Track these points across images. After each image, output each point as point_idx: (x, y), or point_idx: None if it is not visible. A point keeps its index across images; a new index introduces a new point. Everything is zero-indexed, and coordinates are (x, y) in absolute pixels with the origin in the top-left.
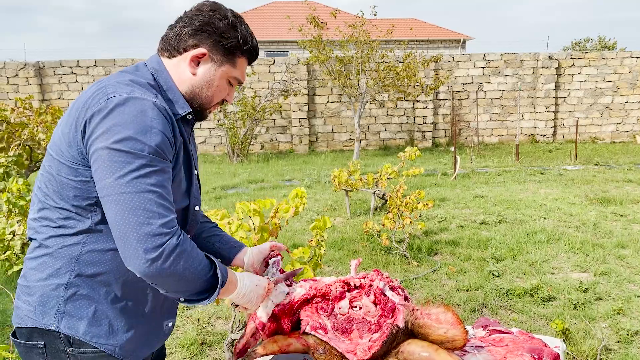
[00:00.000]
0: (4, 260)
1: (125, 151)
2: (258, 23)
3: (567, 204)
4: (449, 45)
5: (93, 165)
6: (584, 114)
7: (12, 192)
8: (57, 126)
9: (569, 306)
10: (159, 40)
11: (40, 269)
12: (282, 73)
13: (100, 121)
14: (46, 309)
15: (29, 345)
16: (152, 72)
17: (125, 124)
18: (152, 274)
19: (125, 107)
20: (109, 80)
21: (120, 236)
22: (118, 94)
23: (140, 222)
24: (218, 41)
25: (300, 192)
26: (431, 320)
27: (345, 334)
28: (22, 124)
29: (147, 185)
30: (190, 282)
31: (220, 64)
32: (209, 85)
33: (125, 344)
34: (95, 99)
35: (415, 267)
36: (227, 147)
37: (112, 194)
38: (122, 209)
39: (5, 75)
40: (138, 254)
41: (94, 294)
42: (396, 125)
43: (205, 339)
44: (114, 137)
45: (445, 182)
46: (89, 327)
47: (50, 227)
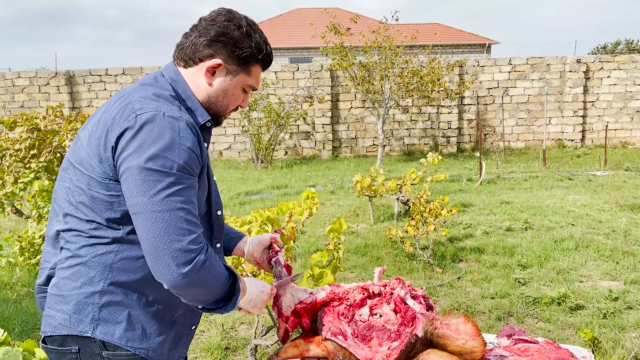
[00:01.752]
0: (35, 265)
1: (155, 170)
2: (281, 30)
3: (596, 210)
4: (474, 50)
5: (124, 183)
6: (613, 118)
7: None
8: (80, 138)
9: (598, 315)
10: (175, 48)
11: (74, 278)
12: (305, 79)
13: (131, 139)
14: (81, 316)
15: (61, 351)
16: (170, 82)
17: (154, 142)
18: (182, 286)
19: (154, 125)
20: (134, 94)
21: (152, 251)
22: (145, 111)
23: (171, 239)
24: (233, 51)
25: (311, 193)
26: (450, 330)
27: (365, 341)
28: (53, 132)
29: (177, 203)
30: (212, 293)
31: (236, 74)
32: (225, 94)
33: (157, 347)
34: (123, 116)
35: (440, 274)
36: (251, 153)
37: (143, 212)
38: (154, 227)
39: (37, 84)
40: (170, 268)
41: (127, 300)
42: (420, 130)
43: (229, 344)
44: (144, 155)
45: (471, 188)
46: (124, 332)
47: (83, 237)
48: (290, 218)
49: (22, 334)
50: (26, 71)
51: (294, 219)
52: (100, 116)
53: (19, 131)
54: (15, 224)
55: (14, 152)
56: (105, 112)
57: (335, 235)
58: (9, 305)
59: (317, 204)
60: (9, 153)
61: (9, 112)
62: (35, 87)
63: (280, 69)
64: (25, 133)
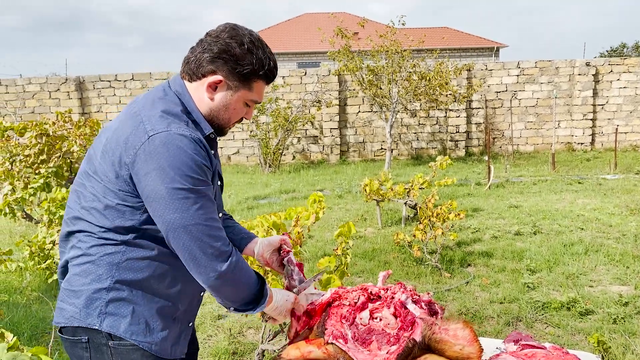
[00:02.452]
0: (44, 269)
1: (181, 189)
2: (289, 35)
3: (606, 214)
4: (482, 54)
5: (151, 203)
6: (623, 122)
7: (53, 202)
8: (93, 148)
9: (608, 320)
10: (182, 62)
11: (83, 274)
12: (313, 84)
13: (147, 160)
14: (90, 310)
15: (73, 341)
16: (177, 94)
17: (172, 163)
18: (219, 285)
19: (166, 146)
20: (144, 111)
21: (191, 258)
22: (157, 131)
23: (207, 245)
24: (234, 68)
25: (318, 197)
26: (448, 335)
27: (364, 344)
28: (62, 137)
29: (206, 214)
30: (243, 293)
31: (237, 90)
32: (226, 109)
33: (160, 342)
34: (137, 137)
35: (448, 278)
36: (259, 157)
37: (180, 227)
38: (190, 238)
39: (47, 89)
40: (209, 270)
41: (132, 297)
42: (428, 134)
43: (236, 349)
44: (165, 177)
45: (479, 192)
46: (128, 326)
47: (93, 238)
48: (297, 223)
49: (32, 338)
50: (37, 77)
51: (300, 224)
52: (114, 132)
53: (28, 137)
54: (26, 229)
55: (23, 157)
56: (118, 129)
57: (344, 239)
58: (19, 310)
59: (324, 208)
60: (19, 159)
61: (20, 117)
62: (45, 93)
63: (288, 73)
64: (34, 139)
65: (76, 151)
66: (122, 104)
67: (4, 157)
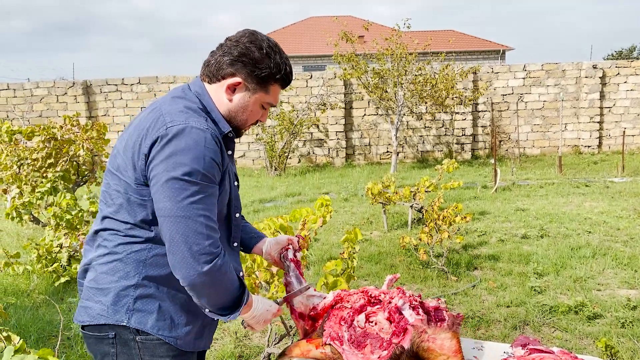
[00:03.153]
0: (52, 272)
1: (182, 179)
2: (295, 38)
3: (614, 217)
4: (488, 56)
5: (152, 187)
6: (631, 124)
7: (59, 207)
8: (116, 147)
9: (617, 324)
10: (202, 65)
11: (111, 272)
12: (319, 87)
13: (161, 149)
14: (118, 307)
15: (99, 337)
16: (197, 95)
17: (182, 153)
18: (197, 285)
19: (182, 137)
20: (164, 106)
21: (174, 251)
22: (175, 123)
23: (193, 241)
24: (252, 71)
25: (325, 201)
26: (435, 345)
27: (359, 347)
28: (70, 141)
29: (199, 210)
30: (222, 297)
31: (254, 92)
32: (244, 110)
33: (184, 336)
34: (155, 127)
35: (454, 282)
36: (265, 160)
37: (169, 216)
38: (177, 229)
39: (55, 93)
40: (190, 267)
41: (158, 293)
42: (434, 137)
43: (242, 352)
44: (172, 164)
45: (485, 195)
46: (155, 322)
47: (119, 236)
48: (304, 226)
49: (39, 341)
50: (44, 81)
51: (307, 227)
52: (135, 127)
53: (36, 141)
54: (33, 232)
55: (31, 161)
56: (139, 123)
57: (350, 244)
58: (26, 313)
59: (331, 212)
60: (27, 162)
61: (28, 121)
62: (53, 96)
63: (293, 76)
64: (42, 143)
65: (82, 155)
66: (128, 108)
67: (12, 160)
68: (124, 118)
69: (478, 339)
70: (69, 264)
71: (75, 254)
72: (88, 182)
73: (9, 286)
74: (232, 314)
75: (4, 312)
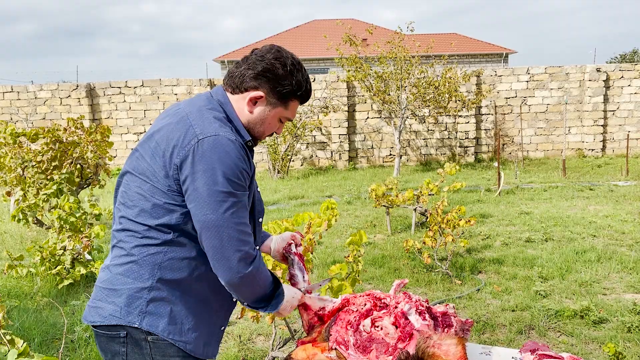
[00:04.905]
0: (55, 275)
1: (221, 191)
2: (298, 41)
3: (619, 221)
4: (491, 60)
5: (192, 201)
6: (635, 128)
7: (63, 209)
8: (139, 150)
9: (623, 329)
10: (226, 74)
11: (126, 274)
12: (322, 90)
13: (195, 162)
14: (131, 309)
15: (110, 336)
16: (220, 104)
17: (216, 166)
18: (238, 284)
19: (214, 150)
20: (192, 117)
21: (218, 257)
22: (206, 135)
23: (236, 247)
24: (275, 86)
25: (331, 204)
26: (441, 351)
27: (365, 352)
28: (74, 143)
29: (239, 218)
30: (257, 293)
31: (275, 106)
32: (263, 122)
33: (194, 341)
34: (186, 140)
35: (459, 285)
36: (268, 163)
37: (213, 227)
38: (221, 237)
39: (58, 96)
40: (233, 271)
41: (171, 297)
42: (437, 140)
43: (246, 355)
44: (210, 178)
45: (489, 199)
46: (166, 325)
47: (136, 237)
48: (309, 229)
49: (42, 344)
50: (48, 84)
51: (312, 230)
52: (164, 135)
53: (40, 143)
54: (37, 234)
55: (36, 163)
56: (169, 133)
57: (355, 247)
58: (29, 316)
59: (337, 216)
60: (31, 165)
61: (32, 124)
62: (57, 99)
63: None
64: (47, 145)
65: (90, 158)
66: (132, 110)
67: (16, 163)
68: (127, 121)
69: (483, 344)
70: (73, 267)
71: (78, 256)
72: (92, 185)
73: (13, 289)
74: (267, 306)
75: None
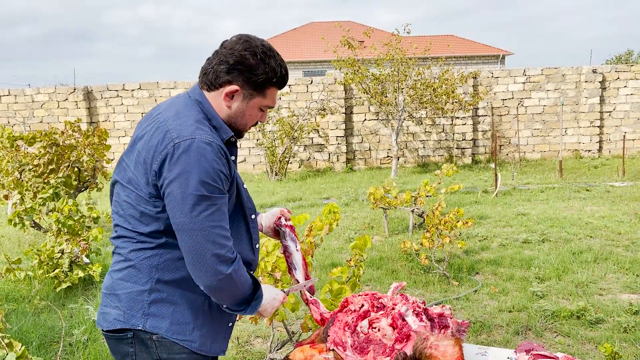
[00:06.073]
0: (53, 278)
1: (195, 194)
2: (296, 43)
3: (615, 222)
4: (488, 61)
5: (168, 204)
6: (631, 128)
7: (62, 212)
8: (124, 160)
9: (619, 329)
10: (200, 72)
11: (126, 278)
12: (319, 92)
13: (171, 166)
14: (133, 312)
15: (119, 337)
16: (197, 103)
17: (190, 169)
18: (216, 288)
19: (189, 153)
20: (169, 121)
21: (194, 261)
22: (182, 139)
23: (210, 252)
24: (249, 78)
25: (334, 208)
26: (438, 352)
27: (362, 353)
28: (71, 146)
29: (214, 221)
30: (237, 296)
31: (252, 97)
32: (243, 115)
33: (199, 340)
34: (163, 145)
35: (456, 286)
36: (265, 165)
37: (187, 230)
38: (196, 241)
39: (56, 99)
40: (209, 275)
41: (172, 297)
42: (434, 142)
43: (244, 357)
44: (184, 181)
45: (486, 200)
46: (170, 326)
47: (132, 243)
48: (310, 233)
49: (40, 347)
50: (45, 87)
51: (313, 234)
52: (144, 144)
53: (38, 146)
54: (34, 238)
55: (33, 167)
56: (148, 140)
57: (359, 252)
58: (27, 319)
59: (339, 220)
60: (28, 168)
61: (29, 127)
62: (54, 102)
63: (294, 82)
64: (43, 149)
65: (86, 161)
66: (129, 113)
67: (13, 166)
68: (125, 124)
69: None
70: (71, 270)
71: (76, 259)
72: (89, 188)
73: (11, 292)
74: (246, 309)
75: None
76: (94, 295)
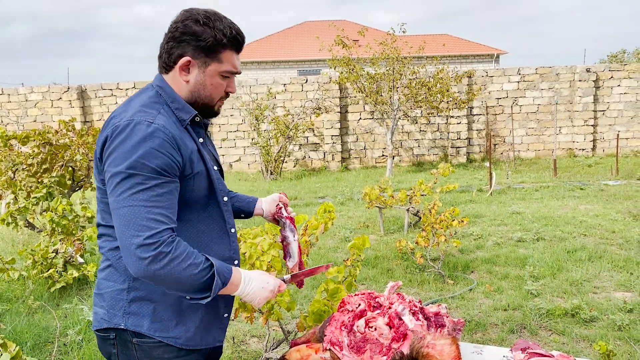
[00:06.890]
0: (47, 278)
1: (121, 172)
2: (290, 43)
3: (609, 220)
4: (483, 60)
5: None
6: (624, 127)
7: (56, 212)
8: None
9: (613, 327)
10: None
11: (107, 278)
12: (314, 91)
13: (108, 148)
14: (115, 311)
15: (103, 337)
16: (157, 89)
17: (122, 147)
18: (147, 276)
19: (123, 132)
20: (117, 110)
21: (122, 246)
22: (119, 120)
23: (132, 234)
24: (198, 45)
25: (329, 207)
26: (435, 351)
27: (359, 352)
28: (65, 146)
29: (139, 201)
30: (187, 284)
31: (207, 65)
32: (204, 87)
33: (184, 335)
34: (105, 129)
35: (451, 285)
36: (260, 165)
37: (114, 209)
38: (120, 222)
39: (49, 98)
40: (133, 260)
41: (151, 295)
42: (429, 141)
43: (239, 357)
44: (112, 160)
45: (481, 199)
46: (151, 324)
47: (109, 241)
48: (305, 232)
49: (35, 347)
50: (39, 86)
51: (308, 233)
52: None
53: (31, 146)
54: (28, 238)
55: (26, 166)
56: (100, 134)
57: (356, 252)
58: (22, 319)
59: (334, 219)
60: (22, 167)
61: (22, 126)
62: (47, 101)
63: (289, 81)
64: (37, 148)
65: (80, 160)
66: None
67: (7, 166)
68: None
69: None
70: (65, 270)
71: (71, 259)
72: (83, 187)
73: (4, 292)
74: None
75: None
76: (89, 295)
